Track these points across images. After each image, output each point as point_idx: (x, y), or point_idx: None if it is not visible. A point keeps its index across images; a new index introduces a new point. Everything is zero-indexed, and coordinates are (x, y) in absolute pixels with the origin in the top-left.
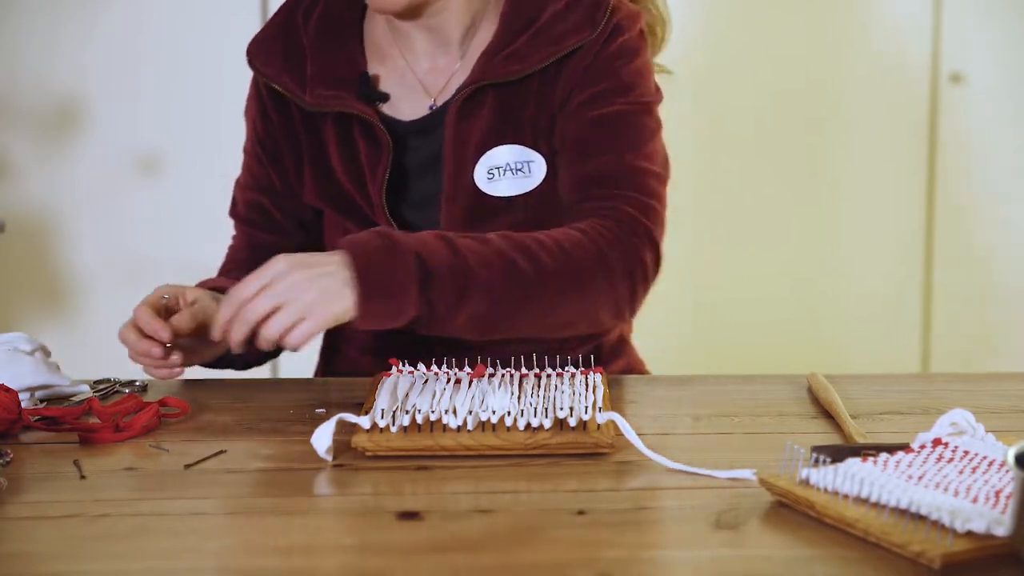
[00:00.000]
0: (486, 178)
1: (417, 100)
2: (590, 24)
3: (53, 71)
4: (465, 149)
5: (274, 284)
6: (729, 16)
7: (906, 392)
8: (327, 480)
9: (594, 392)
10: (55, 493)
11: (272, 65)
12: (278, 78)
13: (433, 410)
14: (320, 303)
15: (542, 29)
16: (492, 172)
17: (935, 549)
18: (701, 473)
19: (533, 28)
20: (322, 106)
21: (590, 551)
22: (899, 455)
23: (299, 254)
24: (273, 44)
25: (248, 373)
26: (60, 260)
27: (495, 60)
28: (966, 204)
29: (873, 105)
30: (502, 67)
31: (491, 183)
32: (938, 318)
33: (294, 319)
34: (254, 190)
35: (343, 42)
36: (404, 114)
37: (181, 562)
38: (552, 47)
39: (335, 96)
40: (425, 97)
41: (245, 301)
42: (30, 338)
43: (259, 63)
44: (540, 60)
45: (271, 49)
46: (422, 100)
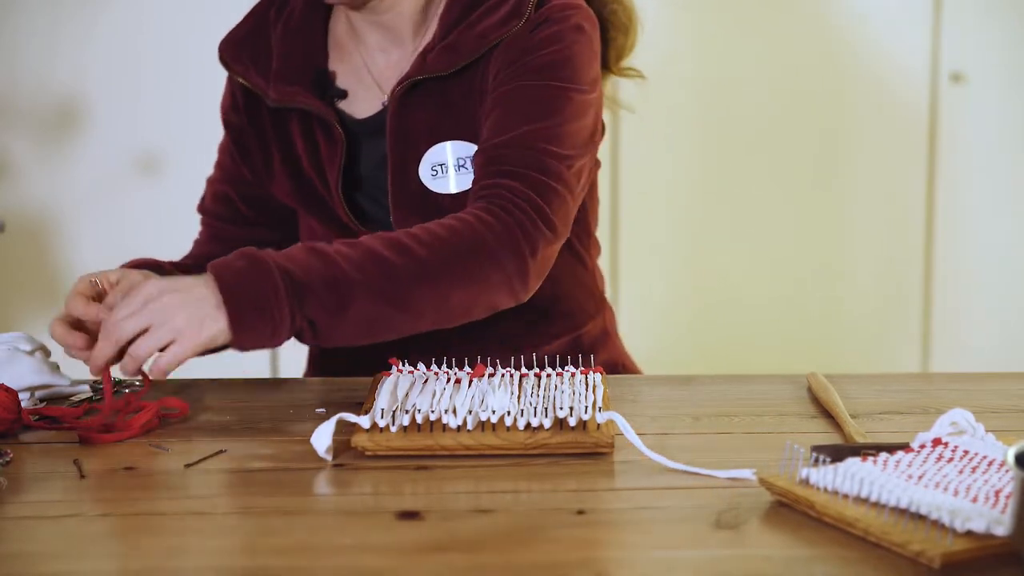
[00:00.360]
0: (430, 175)
1: (372, 97)
2: (516, 16)
3: (53, 71)
4: (407, 146)
5: (145, 307)
6: (728, 16)
7: (906, 392)
8: (327, 480)
9: (594, 392)
10: (55, 493)
11: (241, 62)
12: (247, 75)
13: (433, 410)
14: (190, 327)
15: (473, 23)
16: (435, 169)
17: (935, 549)
18: (701, 473)
19: (465, 23)
20: (283, 102)
21: (590, 551)
22: (899, 455)
23: (169, 279)
24: (244, 41)
25: (248, 373)
26: (60, 260)
27: (429, 57)
28: (966, 204)
29: (873, 105)
30: (434, 61)
31: (435, 180)
32: (938, 318)
33: (164, 342)
34: (223, 182)
35: (307, 39)
36: (360, 111)
37: (181, 562)
38: (480, 40)
39: (294, 92)
40: (380, 94)
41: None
42: (30, 338)
43: (229, 59)
44: (469, 53)
45: (241, 46)
46: (377, 97)
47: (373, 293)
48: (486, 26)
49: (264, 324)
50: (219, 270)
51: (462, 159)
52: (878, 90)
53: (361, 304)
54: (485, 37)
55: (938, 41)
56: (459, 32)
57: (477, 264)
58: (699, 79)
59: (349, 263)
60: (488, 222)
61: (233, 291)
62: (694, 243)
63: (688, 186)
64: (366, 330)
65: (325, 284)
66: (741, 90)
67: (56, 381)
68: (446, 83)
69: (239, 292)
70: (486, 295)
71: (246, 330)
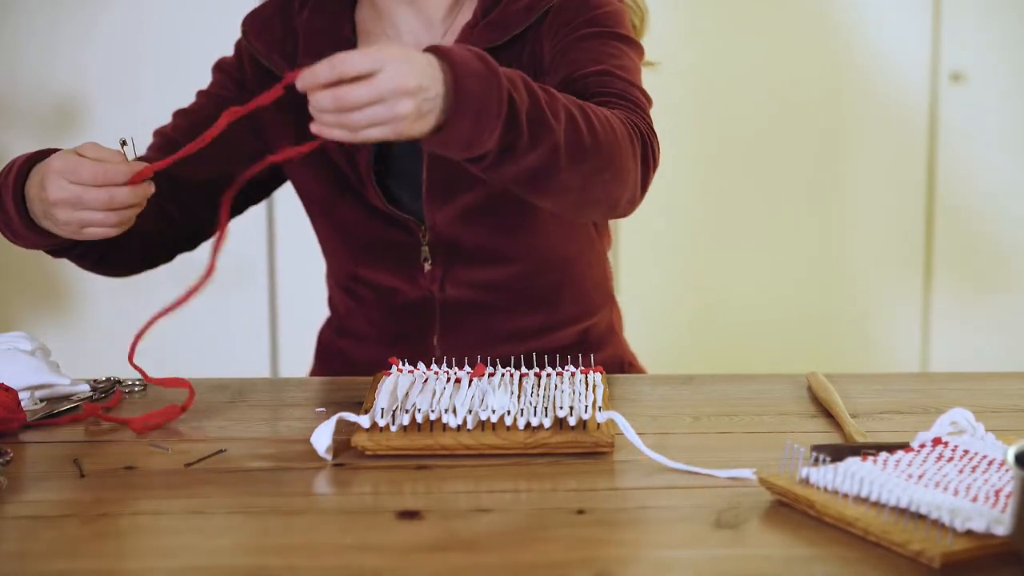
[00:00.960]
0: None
1: None
2: None
3: (53, 71)
4: None
5: (380, 81)
6: (728, 14)
7: (906, 391)
8: (327, 479)
9: (594, 391)
10: (55, 492)
11: (264, 41)
12: (268, 55)
13: (433, 409)
14: (407, 123)
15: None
16: None
17: (935, 548)
18: (701, 472)
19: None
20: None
21: (590, 550)
22: (899, 454)
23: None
24: (269, 20)
25: (247, 372)
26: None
27: (475, 32)
28: (966, 203)
29: (873, 104)
30: (481, 36)
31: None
32: (938, 317)
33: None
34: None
35: (334, 23)
36: None
37: (181, 561)
38: (527, 11)
39: None
40: None
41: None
42: (30, 337)
43: (252, 36)
44: (517, 25)
45: (266, 25)
46: None
47: (557, 148)
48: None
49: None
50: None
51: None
52: (878, 89)
53: (544, 153)
54: (532, 8)
55: (938, 40)
56: (503, 8)
57: (630, 158)
58: (699, 77)
59: (551, 108)
60: (634, 127)
61: (462, 96)
62: (694, 242)
63: (688, 185)
64: (528, 177)
65: (528, 117)
66: (741, 89)
67: (56, 380)
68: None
69: (467, 98)
70: (618, 192)
71: (453, 134)
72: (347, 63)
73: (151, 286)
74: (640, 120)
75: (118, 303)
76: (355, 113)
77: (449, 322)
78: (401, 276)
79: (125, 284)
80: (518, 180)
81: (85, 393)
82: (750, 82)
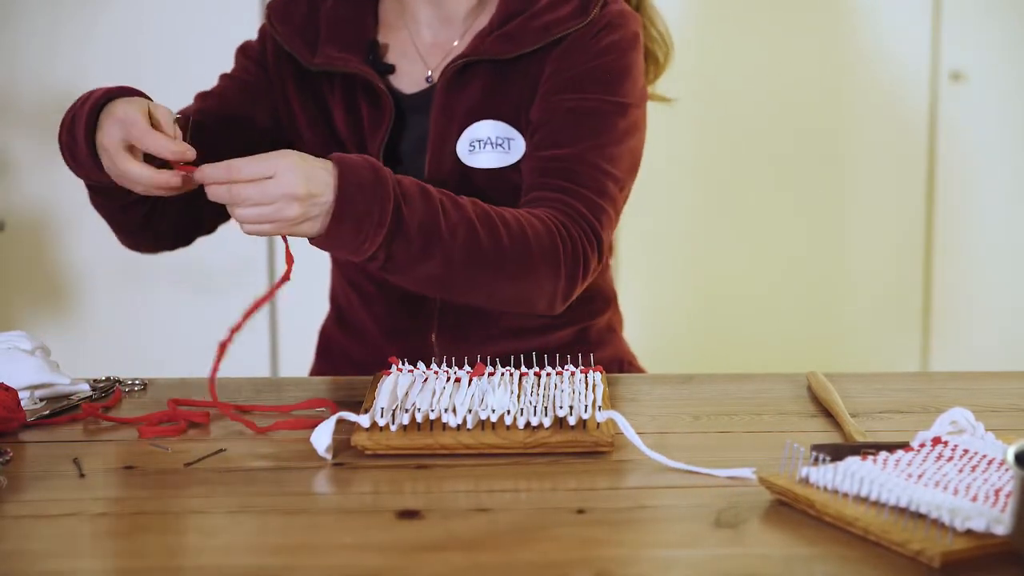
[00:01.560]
0: (467, 150)
1: (417, 72)
2: (582, 14)
3: (53, 70)
4: (449, 122)
5: (269, 186)
6: (728, 14)
7: (906, 390)
8: (327, 479)
9: (594, 391)
10: (54, 492)
11: (288, 25)
12: (289, 39)
13: (433, 409)
14: (293, 224)
15: (536, 14)
16: (473, 144)
17: (935, 547)
18: (701, 472)
19: (527, 12)
20: (329, 66)
21: (590, 550)
22: (899, 454)
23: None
24: (294, 6)
25: (247, 371)
26: (60, 259)
27: (487, 40)
28: (966, 202)
29: (873, 103)
30: (493, 46)
31: (471, 155)
32: (938, 316)
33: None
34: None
35: (358, 13)
36: (405, 85)
37: (181, 561)
38: (542, 32)
39: (343, 58)
40: (424, 69)
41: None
42: (30, 336)
43: (276, 19)
44: (530, 43)
45: (290, 11)
46: (421, 72)
47: (452, 259)
48: (550, 19)
49: (353, 240)
50: (346, 173)
51: (500, 139)
52: (878, 89)
53: (437, 263)
54: (548, 30)
55: (938, 40)
56: (522, 21)
57: (543, 271)
58: (698, 76)
59: (447, 221)
60: (561, 235)
61: (346, 201)
62: (694, 241)
63: (687, 184)
64: (425, 283)
65: (420, 229)
66: (741, 88)
67: (56, 380)
68: (499, 66)
69: (352, 205)
70: (533, 300)
71: (335, 236)
72: (241, 170)
73: (151, 286)
74: (579, 227)
75: (118, 303)
76: (245, 209)
77: (447, 320)
78: None
79: (124, 284)
80: (417, 283)
81: (85, 392)
82: (749, 81)
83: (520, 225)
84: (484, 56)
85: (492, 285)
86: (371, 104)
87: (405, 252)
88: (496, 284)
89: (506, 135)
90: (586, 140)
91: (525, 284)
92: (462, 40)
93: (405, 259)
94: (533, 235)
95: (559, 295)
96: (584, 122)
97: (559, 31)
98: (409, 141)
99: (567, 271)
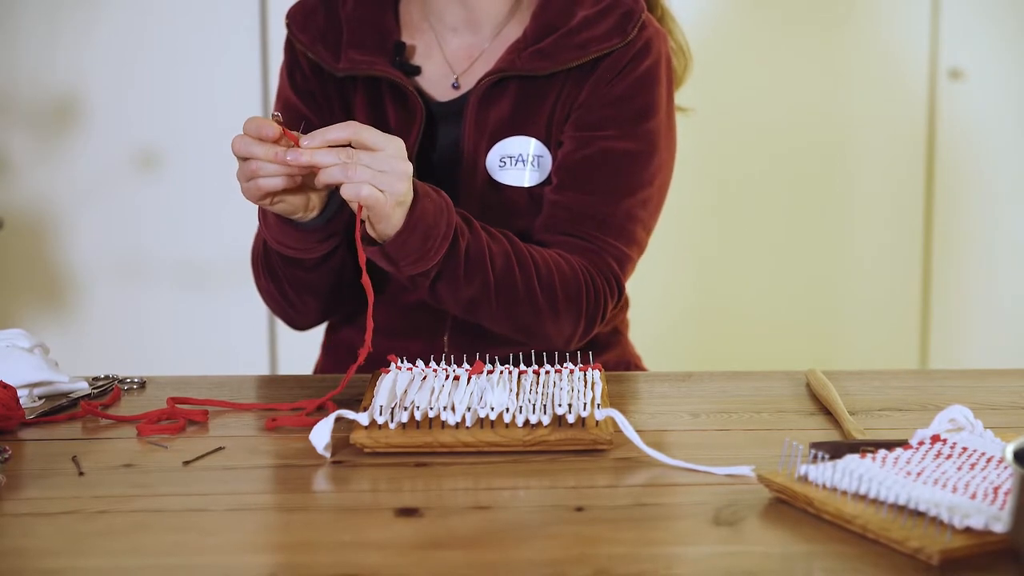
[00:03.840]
0: (498, 165)
1: (442, 76)
2: (619, 34)
3: (52, 68)
4: (481, 136)
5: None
6: (726, 12)
7: (905, 388)
8: (326, 476)
9: (593, 388)
10: (54, 489)
11: (308, 33)
12: (312, 46)
13: (432, 407)
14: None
15: (573, 30)
16: (504, 160)
17: (933, 545)
18: (700, 469)
19: (563, 29)
20: (354, 70)
21: (589, 547)
22: (897, 451)
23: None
24: (312, 13)
25: (247, 370)
26: (59, 257)
27: (522, 55)
28: (965, 199)
29: (872, 101)
30: (528, 62)
31: (502, 170)
32: (937, 313)
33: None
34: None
35: (379, 14)
36: (431, 89)
37: (180, 559)
38: (579, 51)
39: (368, 61)
40: (449, 73)
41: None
42: (29, 334)
43: (296, 28)
44: (565, 61)
45: (309, 17)
46: (447, 76)
47: (488, 287)
48: (587, 37)
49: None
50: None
51: (532, 156)
52: (877, 86)
53: (476, 288)
54: (585, 49)
55: (937, 37)
56: (558, 37)
57: (565, 315)
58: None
59: (490, 249)
60: (586, 283)
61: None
62: (693, 239)
63: (687, 182)
64: (462, 306)
65: (468, 252)
66: (740, 88)
67: (55, 378)
68: (529, 81)
69: (423, 216)
70: (552, 337)
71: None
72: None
73: (149, 284)
74: (604, 278)
75: (116, 301)
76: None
77: (461, 322)
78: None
79: (122, 282)
80: (456, 304)
81: (84, 391)
82: (748, 80)
83: (549, 268)
84: (519, 72)
85: (519, 318)
86: (399, 107)
87: (453, 272)
88: (522, 318)
89: (537, 152)
90: (620, 189)
91: (548, 323)
92: (492, 46)
93: (452, 279)
94: (561, 280)
95: (576, 336)
96: (619, 167)
97: (596, 51)
98: (440, 150)
99: (587, 317)
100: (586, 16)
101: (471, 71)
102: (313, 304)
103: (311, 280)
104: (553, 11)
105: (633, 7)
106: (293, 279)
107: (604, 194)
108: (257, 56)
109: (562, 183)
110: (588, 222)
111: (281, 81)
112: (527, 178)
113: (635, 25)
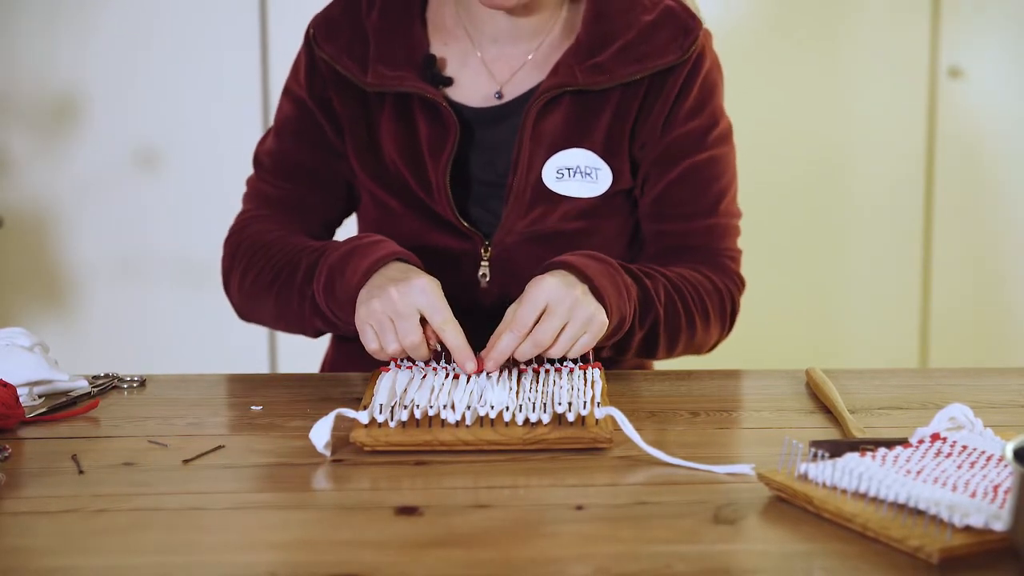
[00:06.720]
0: (555, 177)
1: (481, 85)
2: (678, 48)
3: (52, 66)
4: (536, 147)
5: (555, 306)
6: (726, 13)
7: (904, 387)
8: (325, 475)
9: (592, 387)
10: (53, 488)
11: (333, 44)
12: (338, 58)
13: (431, 405)
14: (595, 317)
15: (629, 45)
16: (561, 172)
17: (933, 544)
18: (700, 468)
19: (620, 42)
20: (383, 86)
21: (589, 546)
22: (897, 450)
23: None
24: (336, 24)
25: (246, 369)
26: (58, 255)
27: (579, 68)
28: (965, 198)
29: (872, 101)
30: (586, 77)
31: (559, 182)
32: (936, 312)
33: (578, 333)
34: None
35: (407, 24)
36: (467, 99)
37: (179, 557)
38: (637, 65)
39: (398, 77)
40: (490, 82)
41: (527, 326)
42: (29, 333)
43: (320, 40)
44: (624, 76)
45: (334, 28)
46: (486, 85)
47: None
48: (644, 51)
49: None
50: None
51: (588, 168)
52: (877, 86)
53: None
54: (642, 64)
55: (937, 35)
56: (617, 51)
57: (715, 327)
58: None
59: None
60: (723, 293)
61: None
62: None
63: None
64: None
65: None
66: (739, 87)
67: (55, 376)
68: (585, 94)
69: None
70: (701, 347)
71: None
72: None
73: (149, 283)
74: (732, 282)
75: (116, 300)
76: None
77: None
78: (456, 288)
79: (122, 281)
80: (636, 351)
81: (83, 389)
82: (748, 79)
83: (698, 289)
84: (577, 87)
85: (675, 343)
86: (431, 122)
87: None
88: (679, 342)
89: (594, 165)
90: (714, 196)
91: (699, 338)
92: (535, 58)
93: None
94: (708, 296)
95: (721, 341)
96: (708, 178)
97: (653, 65)
98: (478, 157)
99: (730, 323)
100: (641, 28)
101: (514, 80)
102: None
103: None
104: (606, 20)
105: (690, 22)
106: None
107: (702, 209)
108: (257, 56)
109: (661, 214)
110: (698, 238)
111: (294, 80)
112: (583, 189)
113: (693, 42)
